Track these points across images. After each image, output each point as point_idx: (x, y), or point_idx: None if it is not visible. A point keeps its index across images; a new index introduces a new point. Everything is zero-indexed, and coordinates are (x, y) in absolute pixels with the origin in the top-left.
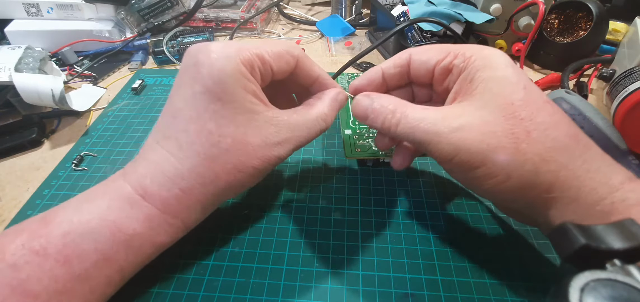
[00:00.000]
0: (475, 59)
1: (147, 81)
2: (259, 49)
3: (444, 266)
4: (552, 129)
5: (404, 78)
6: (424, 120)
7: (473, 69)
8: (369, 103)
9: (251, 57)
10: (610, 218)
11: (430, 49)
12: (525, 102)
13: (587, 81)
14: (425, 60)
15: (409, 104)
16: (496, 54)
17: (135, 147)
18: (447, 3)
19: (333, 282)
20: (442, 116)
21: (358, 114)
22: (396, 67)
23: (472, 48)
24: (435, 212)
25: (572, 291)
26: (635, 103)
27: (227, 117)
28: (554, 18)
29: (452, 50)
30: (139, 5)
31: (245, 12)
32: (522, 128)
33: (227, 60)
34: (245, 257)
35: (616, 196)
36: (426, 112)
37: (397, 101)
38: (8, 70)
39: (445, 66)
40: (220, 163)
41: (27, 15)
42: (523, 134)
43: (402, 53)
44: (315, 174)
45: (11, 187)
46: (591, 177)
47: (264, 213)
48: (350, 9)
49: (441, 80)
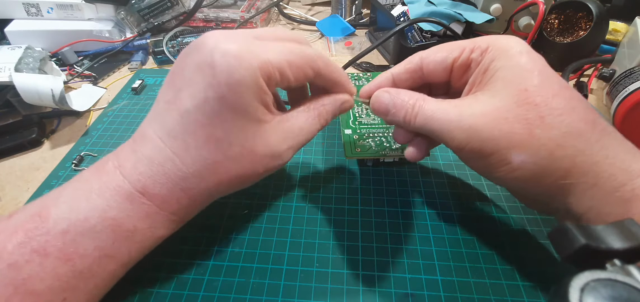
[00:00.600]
0: (491, 50)
1: (147, 81)
2: (280, 61)
3: (443, 266)
4: (567, 114)
5: (416, 82)
6: (438, 110)
7: (488, 59)
8: (390, 99)
9: (271, 71)
10: (630, 205)
11: (442, 48)
12: (539, 88)
13: (587, 81)
14: (441, 60)
15: (426, 97)
16: (512, 41)
17: None
18: (447, 3)
19: (333, 282)
20: (455, 106)
21: (379, 110)
22: (408, 72)
23: (488, 39)
24: (436, 212)
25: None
26: (635, 103)
27: (238, 127)
28: (554, 18)
29: (468, 45)
30: (139, 5)
31: (245, 12)
32: (536, 113)
33: (247, 71)
34: (245, 257)
35: (636, 182)
36: (441, 104)
37: (416, 95)
38: (8, 70)
39: (463, 62)
40: (224, 169)
41: (27, 15)
42: (537, 119)
43: (412, 58)
44: (315, 174)
45: (11, 187)
46: (610, 163)
47: (264, 213)
48: (350, 9)
49: (460, 76)
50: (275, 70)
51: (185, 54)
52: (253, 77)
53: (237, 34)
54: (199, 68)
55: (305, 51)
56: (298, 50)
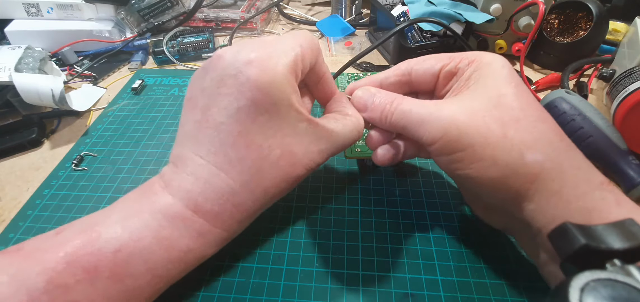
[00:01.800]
0: (477, 62)
1: (147, 81)
2: (298, 49)
3: (444, 266)
4: (541, 122)
5: (403, 87)
6: (416, 105)
7: (472, 69)
8: (369, 97)
9: (296, 63)
10: (591, 216)
11: (431, 57)
12: (516, 96)
13: (587, 81)
14: (429, 67)
15: (405, 97)
16: (497, 58)
17: (135, 147)
18: (447, 3)
19: (333, 282)
20: (435, 103)
21: (358, 105)
22: (396, 76)
23: (476, 53)
24: (435, 212)
25: (572, 291)
26: (635, 103)
27: (274, 128)
28: (554, 18)
29: (456, 56)
30: (139, 5)
31: (245, 12)
32: (511, 116)
33: (273, 70)
34: (245, 257)
35: (596, 194)
36: (419, 101)
37: (395, 95)
38: (8, 70)
39: (450, 70)
40: (270, 176)
41: (27, 15)
42: (512, 121)
43: (400, 64)
44: (315, 174)
45: (11, 187)
46: (574, 174)
47: (264, 213)
48: (350, 9)
49: (445, 84)
50: (299, 59)
51: (200, 75)
52: (282, 74)
53: (246, 43)
54: (223, 82)
55: (312, 36)
56: (308, 36)
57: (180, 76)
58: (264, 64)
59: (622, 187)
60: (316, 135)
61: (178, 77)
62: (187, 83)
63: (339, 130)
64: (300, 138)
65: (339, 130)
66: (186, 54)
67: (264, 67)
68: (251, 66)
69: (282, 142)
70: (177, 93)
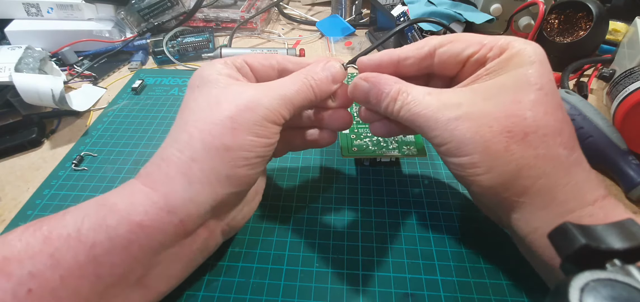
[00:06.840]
0: (506, 51)
1: (147, 81)
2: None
3: (443, 266)
4: (551, 136)
5: (422, 71)
6: (427, 108)
7: (499, 60)
8: (369, 88)
9: (234, 63)
10: None
11: (459, 39)
12: (534, 103)
13: (587, 81)
14: (455, 53)
15: (411, 88)
16: (529, 49)
17: (135, 147)
18: (447, 3)
19: (333, 282)
20: (443, 104)
21: (358, 97)
22: (417, 59)
23: (509, 39)
24: (435, 212)
25: (572, 291)
26: (635, 103)
27: (204, 91)
28: (554, 18)
29: (488, 42)
30: (139, 5)
31: (245, 12)
32: (521, 128)
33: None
34: (245, 257)
35: (585, 211)
36: (429, 98)
37: (399, 88)
38: (8, 70)
39: (479, 59)
40: (191, 121)
41: (27, 15)
42: (519, 134)
43: (423, 43)
44: (315, 174)
45: (11, 187)
46: (567, 191)
47: (263, 213)
48: (350, 9)
49: (470, 73)
50: (241, 63)
51: None
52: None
53: None
54: None
55: (265, 54)
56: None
57: (180, 76)
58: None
59: (622, 187)
60: (246, 85)
61: (178, 77)
62: (187, 83)
63: (281, 80)
64: (226, 94)
65: (285, 81)
66: (186, 54)
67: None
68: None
69: (207, 99)
70: (177, 93)
